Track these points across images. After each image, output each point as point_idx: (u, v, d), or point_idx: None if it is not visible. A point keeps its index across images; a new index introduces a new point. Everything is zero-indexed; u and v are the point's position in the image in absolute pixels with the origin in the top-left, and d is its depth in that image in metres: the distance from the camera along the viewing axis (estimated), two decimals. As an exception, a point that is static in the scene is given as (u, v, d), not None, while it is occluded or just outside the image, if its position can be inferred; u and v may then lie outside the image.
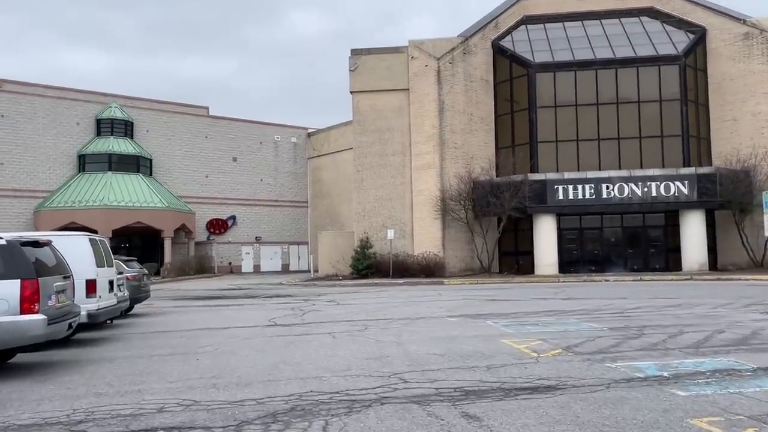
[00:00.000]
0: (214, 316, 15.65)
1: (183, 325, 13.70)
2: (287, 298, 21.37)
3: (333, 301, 19.71)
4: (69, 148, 40.91)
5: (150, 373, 8.17)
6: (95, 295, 10.73)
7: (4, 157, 38.27)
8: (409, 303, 18.20)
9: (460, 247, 31.32)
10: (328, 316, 14.99)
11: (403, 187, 32.05)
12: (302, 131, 52.62)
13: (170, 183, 44.88)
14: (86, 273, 10.65)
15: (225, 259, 47.57)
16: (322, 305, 18.18)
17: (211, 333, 12.17)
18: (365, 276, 30.34)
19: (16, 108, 38.89)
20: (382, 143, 32.43)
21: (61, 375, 8.21)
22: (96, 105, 42.40)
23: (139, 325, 14.11)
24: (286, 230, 50.96)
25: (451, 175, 30.85)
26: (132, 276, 15.85)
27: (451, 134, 31.39)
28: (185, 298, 23.22)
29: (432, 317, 14.04)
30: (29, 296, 7.83)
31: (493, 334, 10.97)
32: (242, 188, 48.67)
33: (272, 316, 15.21)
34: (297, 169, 51.82)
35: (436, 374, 7.71)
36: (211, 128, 47.39)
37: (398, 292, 23.00)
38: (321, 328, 12.45)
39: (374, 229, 31.97)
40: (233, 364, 8.73)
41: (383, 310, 16.20)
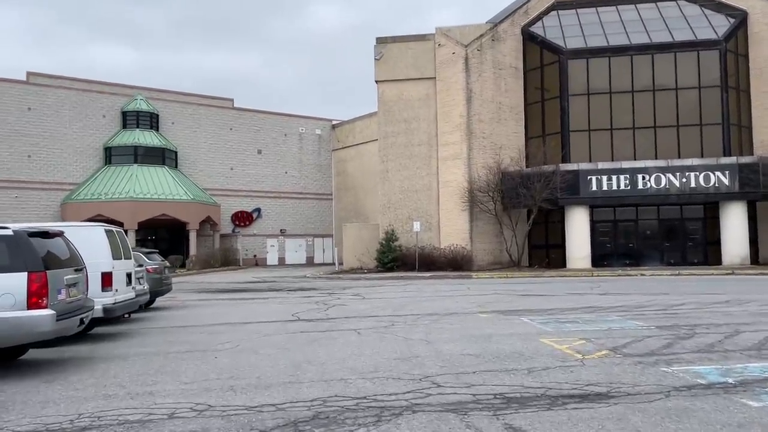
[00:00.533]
0: (237, 310, 15.18)
1: (204, 320, 13.24)
2: (311, 292, 20.86)
3: (358, 295, 19.13)
4: (95, 141, 41.00)
5: (165, 373, 7.65)
6: (111, 288, 10.27)
7: (31, 150, 38.48)
8: (436, 297, 17.51)
9: (488, 240, 30.47)
10: (353, 311, 14.40)
11: (429, 178, 31.29)
12: (327, 123, 52.10)
13: (195, 175, 44.79)
14: (102, 265, 10.20)
15: (250, 252, 47.40)
16: (346, 299, 17.60)
17: (232, 328, 11.66)
18: (390, 269, 29.71)
19: (43, 101, 39.06)
20: (407, 133, 31.69)
21: (70, 374, 7.73)
22: (122, 97, 42.42)
23: (159, 319, 13.69)
24: (310, 223, 50.59)
25: (479, 165, 29.97)
26: (153, 268, 15.45)
27: (479, 123, 30.49)
28: (209, 290, 22.88)
29: (462, 313, 13.34)
30: (37, 290, 7.35)
31: (531, 333, 10.23)
32: (267, 180, 48.39)
33: (296, 310, 14.67)
34: (321, 161, 51.36)
35: (472, 378, 7.04)
36: (235, 120, 47.15)
37: (425, 286, 22.33)
38: (346, 324, 11.85)
39: (400, 221, 31.29)
40: (253, 363, 8.17)
41: (410, 305, 15.55)
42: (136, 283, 12.80)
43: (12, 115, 37.89)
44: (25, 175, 38.22)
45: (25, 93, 38.48)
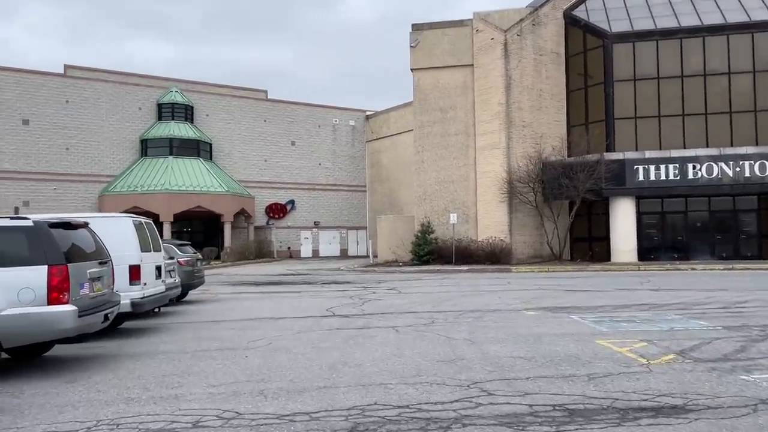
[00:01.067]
0: (269, 305, 14.71)
1: (236, 314, 12.79)
2: (345, 285, 20.32)
3: (394, 289, 18.50)
4: (131, 133, 41.26)
5: (192, 374, 7.14)
6: (139, 282, 9.85)
7: (69, 143, 38.91)
8: (476, 292, 16.76)
9: (528, 233, 29.45)
10: (390, 306, 13.77)
11: (466, 168, 30.39)
12: (360, 114, 51.50)
13: (230, 167, 44.77)
14: (129, 258, 9.78)
15: (284, 244, 47.26)
16: (382, 293, 16.99)
17: (264, 324, 11.16)
18: (426, 262, 28.99)
19: (80, 93, 39.42)
20: (444, 122, 30.82)
21: (94, 373, 7.29)
22: (157, 90, 42.58)
23: (191, 313, 13.30)
24: (344, 215, 50.19)
25: (519, 155, 28.94)
26: (185, 261, 15.09)
27: (518, 111, 29.42)
28: (242, 283, 22.57)
29: (506, 310, 12.57)
30: (57, 284, 6.91)
31: (584, 333, 9.43)
32: (301, 172, 48.11)
33: (330, 305, 14.12)
34: (355, 153, 50.83)
35: (525, 385, 6.33)
36: (269, 112, 46.94)
37: (463, 280, 21.57)
38: (383, 321, 11.22)
39: (435, 213, 30.51)
40: (285, 363, 7.60)
41: (450, 300, 14.84)
42: (167, 276, 12.41)
43: (50, 107, 38.34)
44: (63, 167, 38.69)
45: (63, 86, 38.90)
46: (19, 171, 37.17)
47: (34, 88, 37.87)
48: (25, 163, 37.44)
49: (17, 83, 37.35)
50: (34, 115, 37.82)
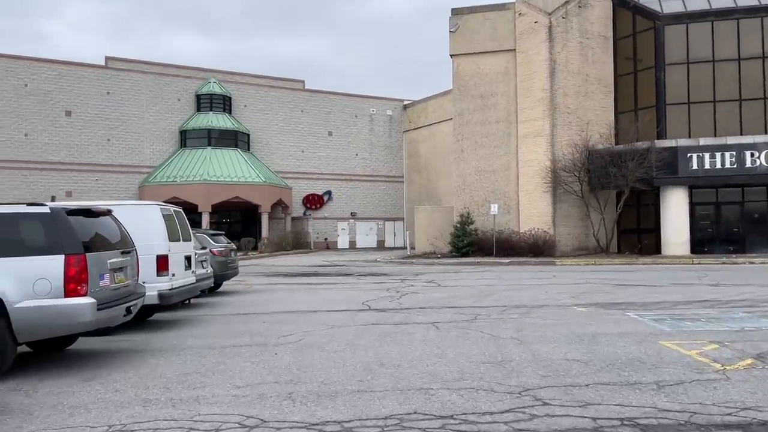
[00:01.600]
0: (304, 297, 14.21)
1: (269, 307, 12.31)
2: (382, 277, 19.72)
3: (432, 281, 17.81)
4: (171, 124, 41.50)
5: (217, 372, 6.63)
6: (167, 272, 9.41)
7: (110, 134, 39.35)
8: (520, 286, 15.93)
9: (573, 224, 28.28)
10: (429, 300, 13.08)
11: (507, 157, 29.36)
12: (398, 103, 50.74)
13: (267, 158, 44.67)
14: (157, 248, 9.34)
15: (321, 235, 47.02)
16: (420, 286, 16.32)
17: (297, 318, 10.63)
18: (466, 254, 28.15)
19: (121, 85, 39.77)
20: (484, 110, 29.82)
21: (114, 370, 6.84)
22: (195, 81, 42.69)
23: (223, 305, 12.88)
24: (381, 206, 49.62)
25: (564, 143, 27.76)
26: (218, 251, 14.70)
27: (563, 98, 28.19)
28: (278, 274, 22.21)
29: (555, 305, 11.74)
30: (75, 275, 6.46)
31: (645, 333, 8.57)
32: (337, 163, 47.71)
33: (366, 298, 13.53)
34: (392, 143, 50.14)
35: (585, 393, 5.58)
36: (306, 102, 46.62)
37: (505, 273, 20.71)
38: (422, 316, 10.55)
39: (475, 203, 29.60)
40: (317, 362, 7.02)
41: (492, 294, 14.06)
42: (198, 267, 12.00)
43: (92, 99, 38.80)
44: (104, 158, 39.16)
45: (104, 78, 39.30)
46: (62, 162, 37.77)
47: (76, 80, 38.37)
48: (67, 154, 38.01)
49: (59, 76, 37.89)
50: (76, 106, 38.33)
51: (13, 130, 36.54)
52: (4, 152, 36.24)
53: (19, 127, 36.70)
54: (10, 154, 36.40)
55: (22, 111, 36.77)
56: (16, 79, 36.66)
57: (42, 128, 37.31)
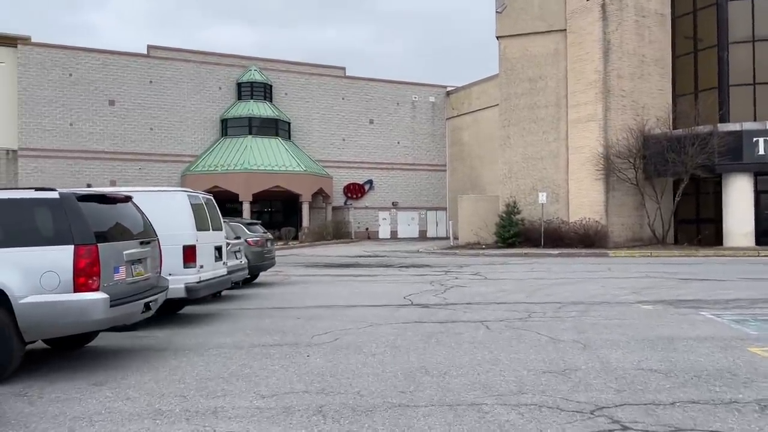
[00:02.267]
0: (342, 290, 13.47)
1: (305, 300, 11.61)
2: (425, 269, 18.85)
3: (478, 274, 16.84)
4: (212, 113, 41.42)
5: (241, 378, 5.91)
6: (195, 264, 8.77)
7: (153, 123, 39.51)
8: (574, 280, 14.82)
9: (627, 213, 26.74)
10: (476, 294, 12.16)
11: (556, 143, 27.97)
12: (441, 90, 49.51)
13: (308, 147, 44.21)
14: (183, 237, 8.70)
15: (362, 225, 46.39)
16: (466, 279, 15.39)
17: (333, 313, 9.88)
18: (512, 245, 26.99)
19: (163, 74, 39.84)
20: (532, 94, 28.46)
21: (130, 373, 6.19)
22: (236, 69, 42.47)
23: (257, 297, 12.25)
24: (423, 195, 48.64)
25: (618, 128, 26.20)
26: (254, 241, 14.09)
27: (617, 80, 26.58)
28: (317, 265, 21.60)
29: (615, 302, 10.66)
30: (85, 268, 5.82)
31: (728, 337, 7.47)
32: (379, 151, 46.91)
33: (408, 291, 12.69)
34: (435, 131, 49.00)
35: (672, 414, 4.63)
36: (347, 89, 45.90)
37: (554, 265, 19.56)
38: (469, 313, 9.65)
39: (522, 192, 28.36)
40: (353, 367, 6.23)
41: (544, 288, 13.03)
42: (231, 258, 11.38)
43: (134, 88, 38.98)
44: (147, 147, 39.36)
45: (147, 66, 39.42)
46: (106, 151, 38.12)
47: (119, 69, 38.59)
48: (111, 143, 38.34)
49: (103, 65, 38.16)
50: (120, 95, 38.58)
51: (59, 119, 37.02)
52: (50, 142, 36.78)
53: (64, 116, 37.16)
54: (56, 143, 36.91)
55: (67, 101, 37.21)
56: (61, 69, 37.08)
57: (86, 118, 37.70)
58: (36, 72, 36.57)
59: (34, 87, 36.48)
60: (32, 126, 36.43)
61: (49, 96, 36.78)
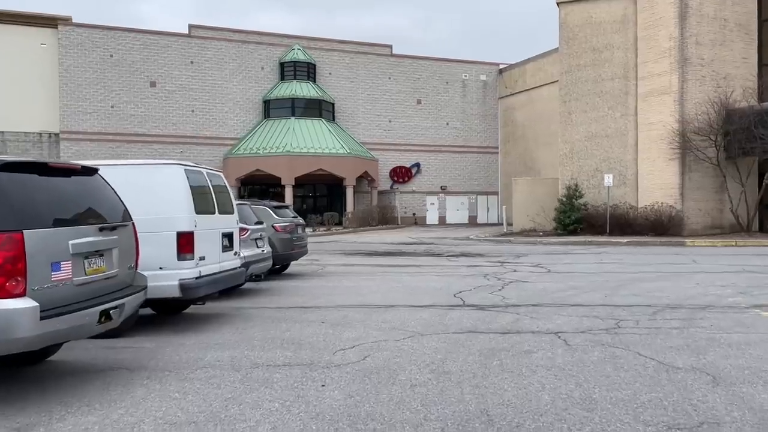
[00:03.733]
0: (382, 284, 11.60)
1: (335, 297, 9.80)
2: (477, 259, 16.79)
3: (539, 266, 14.69)
4: (254, 94, 40.09)
5: (220, 423, 4.11)
6: (192, 255, 7.04)
7: (194, 105, 38.46)
8: (657, 274, 12.51)
9: (705, 197, 23.85)
10: (541, 292, 10.08)
11: (624, 120, 25.22)
12: (492, 68, 46.76)
13: (352, 128, 42.42)
14: (178, 222, 6.98)
15: (408, 210, 44.39)
16: (526, 272, 13.29)
17: (367, 316, 8.02)
18: (573, 232, 24.53)
19: (204, 54, 38.68)
20: (596, 66, 25.73)
21: (72, 410, 4.47)
22: (279, 48, 40.94)
23: (282, 292, 10.51)
24: (473, 179, 46.20)
25: (695, 101, 23.26)
26: (281, 227, 12.37)
27: (695, 47, 23.58)
28: (359, 252, 19.82)
29: (724, 307, 8.40)
30: (3, 265, 4.11)
31: None
32: (427, 133, 44.69)
33: (459, 287, 10.71)
34: (486, 111, 46.37)
35: None
36: (394, 68, 43.76)
37: (626, 256, 17.17)
38: (538, 320, 7.62)
39: (585, 174, 25.78)
40: (383, 409, 4.34)
41: (625, 285, 10.81)
42: (249, 247, 9.69)
43: (176, 69, 37.96)
44: (189, 129, 38.37)
45: (188, 46, 38.32)
46: (147, 134, 37.32)
47: (160, 49, 37.62)
48: (152, 125, 37.50)
49: (144, 45, 37.25)
50: (161, 77, 37.64)
51: (99, 101, 36.37)
52: (92, 124, 36.19)
53: (105, 98, 36.48)
54: (98, 126, 36.30)
55: (107, 82, 36.50)
56: (102, 50, 36.34)
57: (127, 100, 36.93)
58: (77, 53, 35.95)
59: (75, 68, 35.89)
60: (73, 108, 35.90)
61: (89, 78, 36.13)
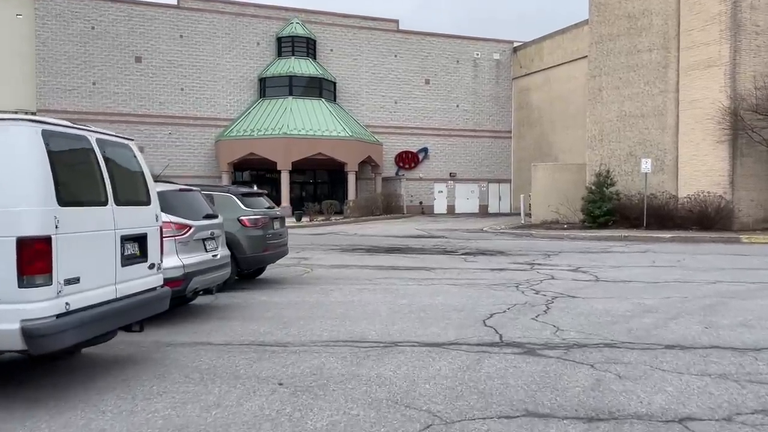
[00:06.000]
0: (381, 299, 8.66)
1: (314, 326, 6.87)
2: (500, 259, 13.83)
3: (579, 269, 11.75)
4: (249, 71, 37.03)
5: None
6: (49, 277, 4.09)
7: (184, 82, 35.45)
8: (741, 285, 9.52)
9: (759, 186, 20.74)
10: (604, 316, 7.11)
11: (663, 97, 22.10)
12: (507, 45, 43.51)
13: (355, 110, 39.36)
14: (16, 221, 4.03)
15: (415, 198, 41.40)
16: (566, 279, 10.35)
17: (355, 368, 5.07)
18: (604, 225, 21.52)
19: (195, 27, 35.62)
20: (631, 35, 22.57)
21: None
22: (276, 22, 37.81)
23: (241, 313, 7.57)
24: (484, 165, 43.14)
25: (750, 75, 20.13)
26: (250, 220, 9.43)
27: (750, 12, 20.39)
28: (358, 248, 16.89)
29: None
30: None
31: None
32: (435, 116, 41.58)
33: (486, 305, 7.76)
34: (499, 92, 43.19)
35: None
36: (400, 45, 40.58)
37: (679, 256, 14.16)
38: (632, 383, 4.66)
39: (616, 159, 22.74)
40: None
41: (715, 306, 7.82)
42: (194, 252, 6.79)
43: (164, 43, 34.94)
44: (178, 109, 35.40)
45: (177, 19, 35.26)
46: (132, 113, 34.38)
47: (146, 22, 34.59)
48: (138, 104, 34.56)
49: (128, 17, 34.22)
50: (147, 51, 34.64)
51: (80, 78, 33.42)
52: (71, 103, 33.26)
53: (86, 74, 33.52)
54: (78, 104, 33.37)
55: (89, 57, 33.53)
56: (83, 22, 33.34)
57: (111, 76, 33.96)
58: (55, 25, 32.96)
59: (53, 42, 32.91)
60: (51, 85, 32.97)
61: (69, 52, 33.16)
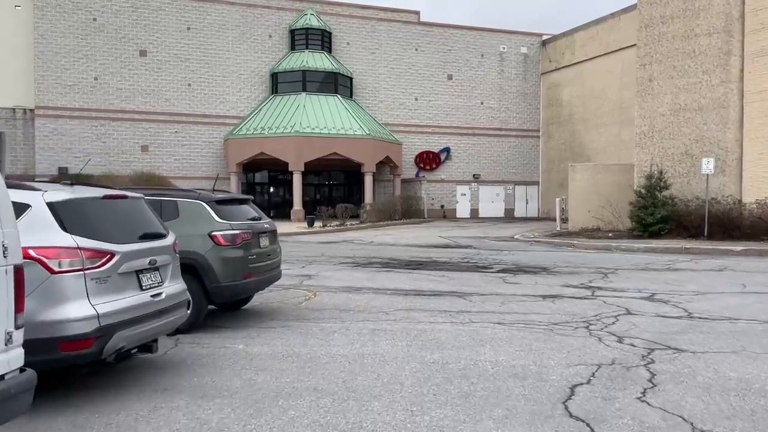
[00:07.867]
0: (403, 353, 6.18)
1: (299, 408, 4.42)
2: (547, 279, 11.27)
3: (654, 296, 9.21)
4: (260, 66, 34.81)
5: None
6: None
7: (191, 77, 33.31)
8: None
9: (841, 191, 17.94)
10: (744, 388, 4.55)
11: (724, 87, 19.31)
12: (535, 38, 40.78)
13: (373, 107, 36.94)
14: None
15: (436, 201, 38.85)
16: (647, 314, 7.82)
17: None
18: (656, 234, 18.77)
19: (203, 19, 33.49)
20: (687, 17, 19.83)
21: None
22: (290, 13, 35.56)
23: (196, 382, 5.14)
24: (511, 166, 40.44)
25: (833, 60, 17.36)
26: (228, 237, 7.02)
27: (832, -13, 17.63)
28: (374, 261, 14.43)
29: None
30: None
31: None
32: (458, 113, 39.00)
33: (554, 367, 5.26)
34: (527, 89, 40.47)
35: None
36: (422, 38, 38.08)
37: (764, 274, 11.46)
38: None
39: (669, 158, 20.00)
40: None
41: None
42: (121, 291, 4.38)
43: (170, 36, 32.85)
44: (184, 106, 33.26)
45: (184, 10, 33.14)
46: (137, 110, 32.31)
47: (152, 13, 32.51)
48: (142, 101, 32.49)
49: (132, 8, 32.16)
50: (152, 44, 32.56)
51: (81, 72, 31.42)
52: (72, 99, 31.29)
53: (88, 69, 31.52)
54: (79, 101, 31.38)
55: (90, 50, 31.53)
56: (85, 13, 31.35)
57: (114, 71, 31.93)
58: (55, 16, 31.02)
59: (53, 34, 30.97)
60: (51, 80, 31.02)
61: (70, 45, 31.19)
